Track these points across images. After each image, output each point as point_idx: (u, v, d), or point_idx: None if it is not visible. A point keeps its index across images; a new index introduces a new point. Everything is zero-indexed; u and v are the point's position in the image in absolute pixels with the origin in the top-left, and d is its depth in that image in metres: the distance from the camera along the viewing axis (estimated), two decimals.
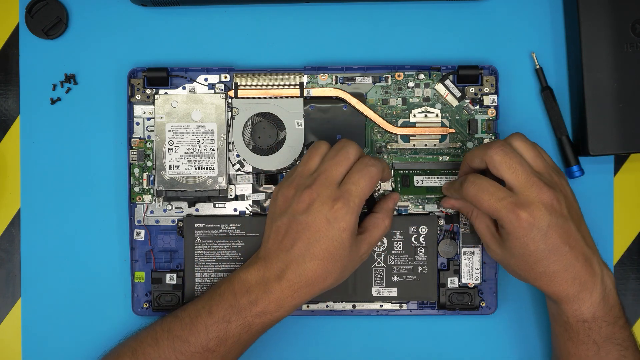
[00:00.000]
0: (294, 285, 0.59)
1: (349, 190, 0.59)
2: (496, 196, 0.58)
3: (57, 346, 0.68)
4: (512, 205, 0.58)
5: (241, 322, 0.59)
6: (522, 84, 0.68)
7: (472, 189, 0.60)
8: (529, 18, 0.69)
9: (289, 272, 0.59)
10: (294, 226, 0.59)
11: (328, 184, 0.59)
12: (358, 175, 0.59)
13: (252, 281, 0.59)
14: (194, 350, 0.59)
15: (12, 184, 0.69)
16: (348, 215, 0.58)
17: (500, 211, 0.58)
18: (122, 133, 0.68)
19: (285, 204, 0.60)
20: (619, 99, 0.65)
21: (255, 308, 0.59)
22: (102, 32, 0.69)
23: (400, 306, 0.67)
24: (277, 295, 0.59)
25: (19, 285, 0.69)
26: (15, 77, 0.69)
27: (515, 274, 0.61)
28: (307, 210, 0.59)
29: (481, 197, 0.59)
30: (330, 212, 0.58)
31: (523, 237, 0.58)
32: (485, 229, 0.62)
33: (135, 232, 0.68)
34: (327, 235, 0.58)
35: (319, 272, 0.59)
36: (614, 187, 0.69)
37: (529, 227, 0.57)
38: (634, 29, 0.65)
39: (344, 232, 0.58)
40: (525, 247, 0.58)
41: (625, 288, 0.69)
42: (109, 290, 0.68)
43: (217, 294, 0.60)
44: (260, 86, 0.67)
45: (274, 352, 0.69)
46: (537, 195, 0.58)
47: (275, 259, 0.59)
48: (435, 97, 0.68)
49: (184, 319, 0.60)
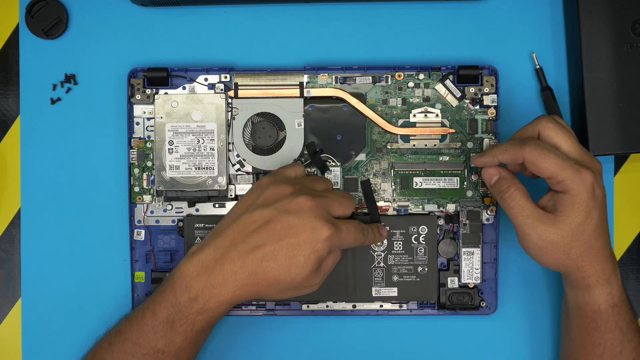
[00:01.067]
0: (238, 281, 0.57)
1: (340, 228, 0.59)
2: (562, 157, 0.57)
3: (57, 346, 0.68)
4: (578, 166, 0.57)
5: (184, 321, 0.58)
6: (522, 84, 0.68)
7: (536, 148, 0.57)
8: (529, 18, 0.69)
9: (241, 267, 0.57)
10: (274, 223, 0.57)
11: (330, 210, 0.59)
12: (353, 227, 0.60)
13: (192, 274, 0.57)
14: (144, 352, 0.58)
15: (12, 184, 0.69)
16: (327, 243, 0.57)
17: (566, 170, 0.57)
18: (122, 133, 0.68)
19: (274, 198, 0.59)
20: (619, 99, 0.65)
21: (196, 305, 0.57)
22: (102, 32, 0.69)
23: (400, 306, 0.67)
24: (217, 291, 0.57)
25: (19, 285, 0.69)
26: (15, 77, 0.69)
27: (553, 257, 0.59)
28: (298, 213, 0.58)
29: (547, 155, 0.57)
30: (315, 231, 0.57)
31: (588, 199, 0.57)
32: (527, 204, 0.58)
33: (135, 232, 0.68)
34: (303, 247, 0.57)
35: (271, 277, 0.57)
36: (614, 187, 0.69)
37: (593, 188, 0.57)
38: (634, 29, 0.65)
39: (316, 254, 0.57)
40: (588, 212, 0.57)
41: (625, 288, 0.68)
42: (109, 290, 0.68)
43: (159, 292, 0.59)
44: (260, 86, 0.67)
45: (274, 352, 0.69)
46: (591, 164, 0.58)
47: (231, 249, 0.57)
48: (435, 97, 0.68)
49: (131, 321, 0.59)
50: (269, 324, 0.69)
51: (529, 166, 0.58)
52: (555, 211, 0.58)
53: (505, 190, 0.59)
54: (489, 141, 0.67)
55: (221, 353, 0.68)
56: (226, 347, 0.68)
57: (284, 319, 0.68)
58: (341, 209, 0.60)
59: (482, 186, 0.67)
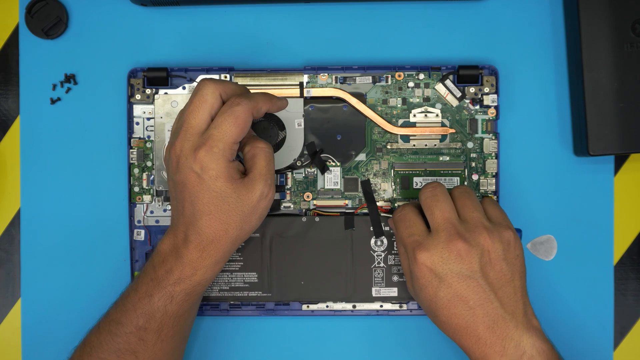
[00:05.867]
0: (198, 245, 0.58)
1: (211, 136, 0.56)
2: (409, 231, 0.59)
3: (57, 346, 0.68)
4: (416, 244, 0.58)
5: (162, 293, 0.58)
6: (522, 84, 0.68)
7: (395, 215, 0.61)
8: (529, 18, 0.69)
9: (189, 233, 0.58)
10: (176, 189, 0.58)
11: (189, 135, 0.57)
12: (221, 118, 0.56)
13: (166, 250, 0.59)
14: (128, 331, 0.58)
15: (12, 184, 0.69)
16: (214, 162, 0.56)
17: (406, 246, 0.59)
18: (122, 133, 0.68)
19: (168, 168, 0.60)
20: (619, 99, 0.65)
21: (172, 276, 0.58)
22: (102, 32, 0.69)
23: (400, 306, 0.67)
24: (187, 259, 0.58)
25: (19, 285, 0.69)
26: (15, 77, 0.69)
27: (427, 314, 0.61)
28: (177, 169, 0.58)
29: (397, 225, 0.61)
30: (195, 163, 0.56)
31: (420, 277, 0.58)
32: (405, 259, 0.62)
33: (135, 232, 0.68)
34: (203, 188, 0.57)
35: (215, 226, 0.57)
36: (614, 187, 0.69)
37: (425, 270, 0.57)
38: (634, 29, 0.65)
39: (217, 180, 0.57)
40: (424, 289, 0.58)
41: (625, 288, 0.69)
42: (109, 290, 0.68)
43: (142, 271, 0.60)
44: (260, 86, 0.67)
45: (274, 352, 0.69)
46: (444, 242, 0.57)
47: (178, 224, 0.59)
48: (435, 97, 0.68)
49: (117, 302, 0.60)
50: (269, 324, 0.69)
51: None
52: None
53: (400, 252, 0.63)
54: (489, 141, 0.67)
55: (221, 353, 0.68)
56: (226, 347, 0.68)
57: (284, 319, 0.68)
58: (196, 114, 0.58)
59: (483, 186, 0.67)
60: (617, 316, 0.68)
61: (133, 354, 0.58)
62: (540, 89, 0.68)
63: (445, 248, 0.57)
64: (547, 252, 0.68)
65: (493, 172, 0.67)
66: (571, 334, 0.68)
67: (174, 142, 0.58)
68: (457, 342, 0.58)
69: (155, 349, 0.59)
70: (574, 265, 0.68)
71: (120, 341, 0.59)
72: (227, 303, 0.67)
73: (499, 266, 0.58)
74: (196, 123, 0.57)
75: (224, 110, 0.57)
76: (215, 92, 0.58)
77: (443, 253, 0.57)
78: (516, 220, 0.67)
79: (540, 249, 0.68)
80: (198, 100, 0.57)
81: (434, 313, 0.59)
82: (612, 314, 0.68)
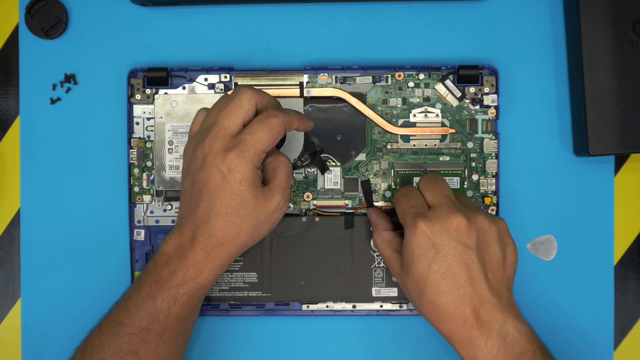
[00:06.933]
0: (206, 246, 0.58)
1: (243, 140, 0.57)
2: (411, 203, 0.59)
3: (57, 346, 0.68)
4: (417, 214, 0.58)
5: (166, 295, 0.58)
6: (522, 84, 0.68)
7: (398, 192, 0.62)
8: (529, 18, 0.69)
9: (198, 234, 0.58)
10: (195, 186, 0.58)
11: (220, 136, 0.57)
12: (257, 126, 0.57)
13: (170, 251, 0.59)
14: (130, 332, 0.58)
15: (12, 184, 0.69)
16: (242, 166, 0.57)
17: (405, 216, 0.59)
18: (122, 133, 0.68)
19: (186, 164, 0.60)
20: (619, 99, 0.65)
21: (176, 278, 0.58)
22: (102, 32, 0.69)
23: (400, 306, 0.67)
24: (193, 260, 0.58)
25: (18, 285, 0.69)
26: (15, 77, 0.69)
27: (412, 301, 0.60)
28: (202, 166, 0.58)
29: (400, 200, 0.61)
30: (224, 164, 0.57)
31: (417, 247, 0.57)
32: (385, 244, 0.62)
33: (135, 232, 0.68)
34: (225, 189, 0.57)
35: (227, 229, 0.58)
36: (614, 187, 0.69)
37: (423, 238, 0.57)
38: (634, 29, 0.65)
39: (242, 184, 0.57)
40: (418, 262, 0.57)
41: (625, 288, 0.69)
42: (109, 291, 0.68)
43: (144, 272, 0.60)
44: (260, 86, 0.67)
45: (274, 352, 0.69)
46: (445, 215, 0.57)
47: (187, 223, 0.59)
48: (435, 97, 0.68)
49: (119, 303, 0.60)
50: (269, 324, 0.69)
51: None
52: (403, 250, 0.60)
53: (374, 227, 0.64)
54: (489, 141, 0.67)
55: (221, 353, 0.68)
56: (226, 348, 0.68)
57: (284, 319, 0.68)
58: (231, 117, 0.58)
59: (483, 186, 0.67)
60: (617, 316, 0.68)
61: (135, 355, 0.58)
62: (540, 89, 0.69)
63: (446, 219, 0.57)
64: (547, 252, 0.68)
65: (493, 172, 0.67)
66: (571, 334, 0.68)
67: (204, 140, 0.58)
68: (441, 327, 0.58)
69: (157, 351, 0.59)
70: (574, 266, 0.68)
71: (122, 342, 0.59)
72: (227, 303, 0.67)
73: (493, 248, 0.58)
74: (229, 125, 0.58)
75: (261, 119, 0.58)
76: (252, 100, 0.58)
77: (444, 224, 0.57)
78: (516, 220, 0.67)
79: (540, 249, 0.68)
80: (235, 104, 0.58)
81: (422, 292, 0.58)
82: (612, 314, 0.68)
